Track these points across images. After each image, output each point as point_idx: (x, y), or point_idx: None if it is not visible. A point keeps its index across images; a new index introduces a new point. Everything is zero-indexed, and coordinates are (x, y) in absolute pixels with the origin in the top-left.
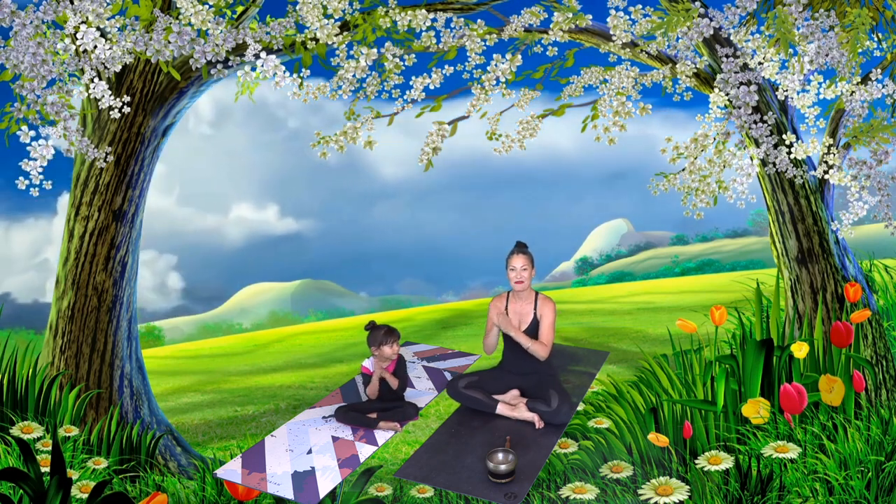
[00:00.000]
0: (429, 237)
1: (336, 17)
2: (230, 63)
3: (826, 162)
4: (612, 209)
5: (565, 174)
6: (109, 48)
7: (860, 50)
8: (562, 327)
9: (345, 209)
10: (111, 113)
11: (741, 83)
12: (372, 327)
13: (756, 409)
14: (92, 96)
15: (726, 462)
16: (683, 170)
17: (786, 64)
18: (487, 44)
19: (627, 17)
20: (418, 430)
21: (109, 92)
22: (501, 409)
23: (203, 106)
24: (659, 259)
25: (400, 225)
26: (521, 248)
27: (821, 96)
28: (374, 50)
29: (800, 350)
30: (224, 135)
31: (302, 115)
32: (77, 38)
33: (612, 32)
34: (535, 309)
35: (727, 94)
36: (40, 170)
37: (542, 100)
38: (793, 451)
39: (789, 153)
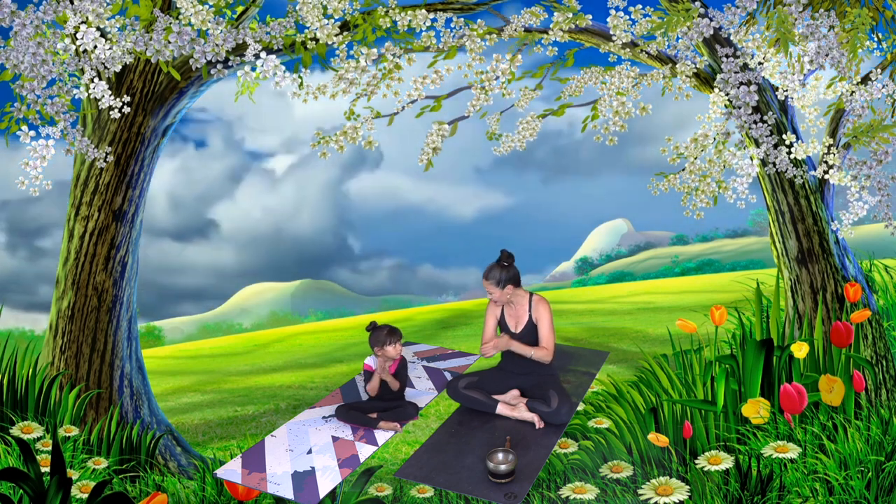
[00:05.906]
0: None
1: (336, 17)
2: (230, 63)
3: (826, 162)
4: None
5: None
6: (109, 48)
7: (860, 50)
8: (562, 327)
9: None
10: (111, 113)
11: (741, 83)
12: (373, 328)
13: (756, 409)
14: (92, 96)
15: (726, 462)
16: (683, 170)
17: (786, 64)
18: (487, 44)
19: (627, 17)
20: (418, 430)
21: (109, 92)
22: (501, 409)
23: None
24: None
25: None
26: (489, 269)
27: (821, 96)
28: (374, 50)
29: (800, 350)
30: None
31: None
32: (77, 38)
33: (612, 32)
34: (529, 310)
35: (727, 94)
36: (40, 170)
37: (542, 100)
38: (793, 451)
39: (789, 153)
